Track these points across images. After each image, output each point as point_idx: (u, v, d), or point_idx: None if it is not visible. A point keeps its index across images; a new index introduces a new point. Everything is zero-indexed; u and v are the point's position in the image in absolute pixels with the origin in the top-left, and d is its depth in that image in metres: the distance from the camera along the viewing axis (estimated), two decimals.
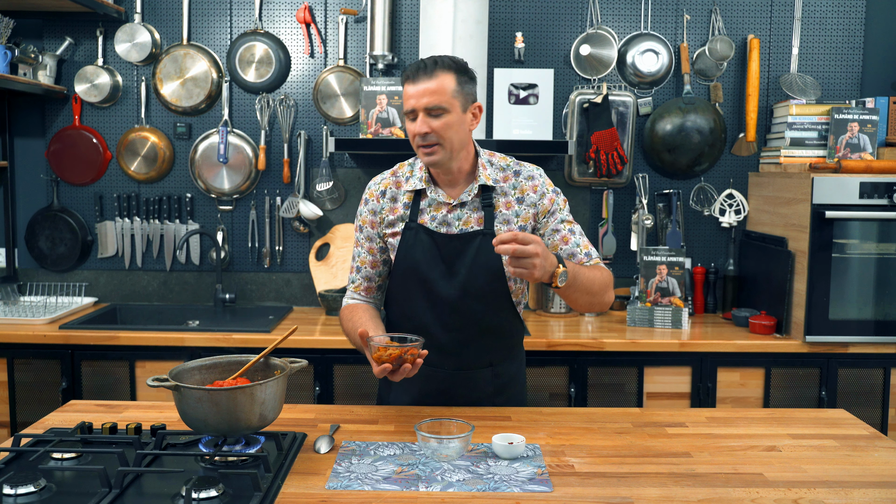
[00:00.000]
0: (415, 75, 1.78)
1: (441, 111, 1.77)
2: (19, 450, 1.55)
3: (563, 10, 3.27)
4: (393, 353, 1.65)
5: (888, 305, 2.79)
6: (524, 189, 1.90)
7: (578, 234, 1.92)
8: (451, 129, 1.78)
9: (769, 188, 3.10)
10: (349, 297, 2.01)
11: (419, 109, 1.77)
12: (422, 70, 1.77)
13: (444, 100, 1.76)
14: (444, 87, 1.76)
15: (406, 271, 1.89)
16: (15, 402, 2.81)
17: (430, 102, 1.76)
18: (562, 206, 1.93)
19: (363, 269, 1.98)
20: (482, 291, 1.88)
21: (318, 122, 3.29)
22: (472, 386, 1.95)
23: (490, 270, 1.87)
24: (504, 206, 1.88)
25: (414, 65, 1.80)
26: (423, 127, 1.76)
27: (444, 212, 1.88)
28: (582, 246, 1.90)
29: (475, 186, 1.87)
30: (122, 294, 3.35)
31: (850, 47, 3.29)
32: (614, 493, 1.46)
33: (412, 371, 1.67)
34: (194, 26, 3.27)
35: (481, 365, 1.95)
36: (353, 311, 1.94)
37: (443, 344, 1.89)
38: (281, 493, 1.43)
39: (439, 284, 1.87)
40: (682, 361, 2.80)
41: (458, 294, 1.87)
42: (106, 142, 3.29)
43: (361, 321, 1.87)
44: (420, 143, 1.79)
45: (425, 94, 1.76)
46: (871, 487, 1.51)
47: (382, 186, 1.94)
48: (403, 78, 1.82)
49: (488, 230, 1.87)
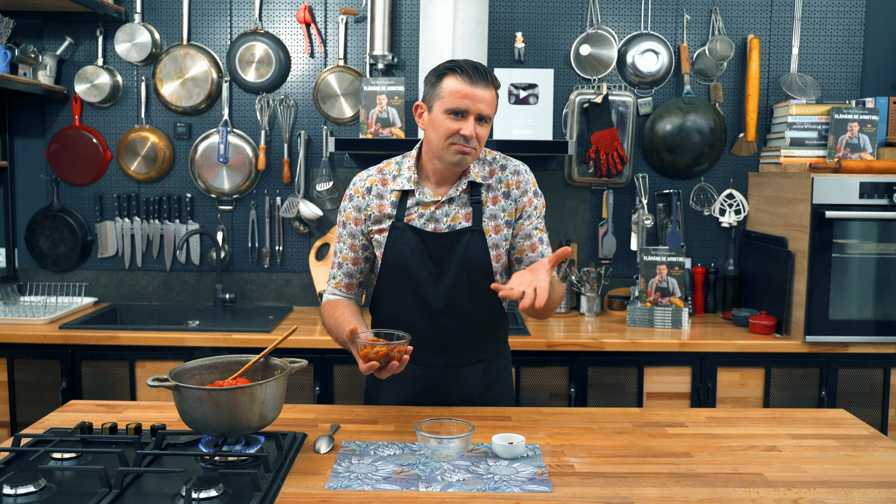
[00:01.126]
0: (472, 76, 1.76)
1: (488, 121, 1.80)
2: (19, 450, 1.55)
3: (563, 10, 3.27)
4: (380, 350, 1.64)
5: (888, 305, 2.79)
6: (509, 183, 1.91)
7: (546, 244, 1.97)
8: (484, 140, 1.82)
9: (769, 188, 3.10)
10: (329, 292, 2.01)
11: (472, 112, 1.77)
12: (479, 74, 1.77)
13: (493, 112, 1.81)
14: (495, 100, 1.81)
15: (394, 271, 1.89)
16: (15, 402, 2.81)
17: (485, 111, 1.78)
18: (539, 210, 1.95)
19: (345, 265, 1.97)
20: (471, 288, 1.88)
21: (318, 122, 3.29)
22: (462, 383, 1.96)
23: (479, 266, 1.87)
24: (491, 201, 1.90)
25: (466, 64, 1.78)
26: (473, 130, 1.77)
27: (431, 209, 1.87)
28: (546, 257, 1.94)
29: (464, 182, 1.87)
30: (122, 294, 3.35)
31: (850, 47, 3.29)
32: (614, 493, 1.46)
33: (399, 368, 1.67)
34: (194, 26, 3.27)
35: (471, 361, 1.96)
36: (335, 306, 1.93)
37: (433, 342, 1.89)
38: (281, 493, 1.43)
39: (428, 283, 1.87)
40: (682, 361, 2.80)
41: (447, 292, 1.87)
42: (106, 142, 3.29)
43: (344, 317, 1.86)
44: (457, 143, 1.78)
45: (483, 101, 1.77)
46: (871, 487, 1.51)
47: (368, 183, 1.93)
48: (451, 71, 1.78)
49: (476, 227, 1.87)
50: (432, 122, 1.81)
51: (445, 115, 1.78)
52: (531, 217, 1.93)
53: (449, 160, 1.81)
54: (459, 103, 1.76)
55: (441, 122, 1.78)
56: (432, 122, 1.81)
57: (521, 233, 1.93)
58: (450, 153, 1.80)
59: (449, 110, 1.77)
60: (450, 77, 1.78)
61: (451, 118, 1.77)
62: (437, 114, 1.79)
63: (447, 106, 1.77)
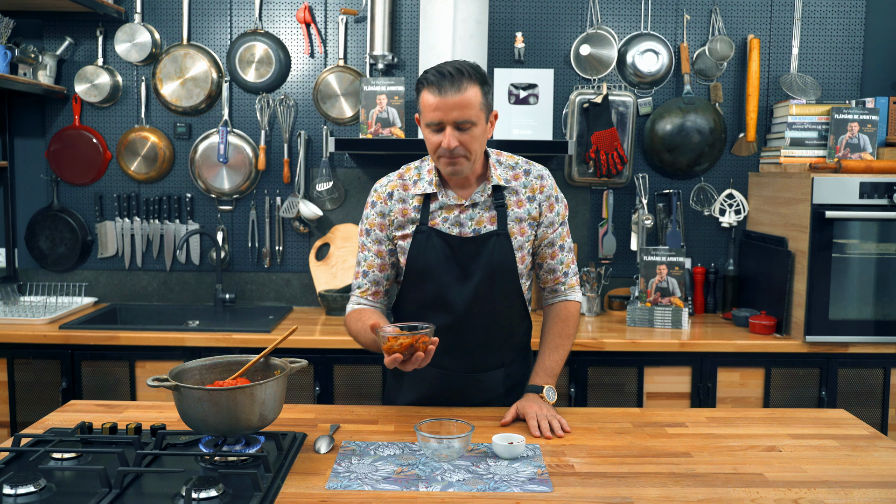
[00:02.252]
0: (439, 85, 1.71)
1: (469, 125, 1.74)
2: (19, 450, 1.55)
3: (563, 10, 3.27)
4: (404, 342, 1.60)
5: (888, 305, 2.79)
6: (534, 188, 1.90)
7: (567, 249, 1.96)
8: (476, 141, 1.77)
9: (769, 188, 3.10)
10: (355, 301, 1.95)
11: (447, 123, 1.73)
12: (447, 80, 1.71)
13: (472, 114, 1.73)
14: (471, 101, 1.72)
15: (418, 275, 1.88)
16: (15, 402, 2.81)
17: (459, 117, 1.72)
18: (562, 216, 1.95)
19: (371, 272, 1.93)
20: (495, 291, 1.87)
21: (318, 122, 3.29)
22: (483, 387, 1.95)
23: (505, 269, 1.86)
24: (515, 204, 1.88)
25: (435, 72, 1.73)
26: (453, 141, 1.73)
27: (456, 213, 1.86)
28: (565, 264, 1.97)
29: (488, 187, 1.86)
30: (122, 294, 3.35)
31: (850, 47, 3.29)
32: (614, 493, 1.46)
33: (425, 360, 1.62)
34: (194, 26, 3.27)
35: (493, 366, 1.95)
36: (361, 313, 1.89)
37: (455, 346, 1.87)
38: (281, 493, 1.43)
39: (453, 288, 1.86)
40: (682, 361, 2.80)
41: (472, 296, 1.86)
42: (106, 142, 3.29)
43: (372, 320, 1.78)
44: (444, 155, 1.76)
45: (454, 107, 1.71)
46: (871, 487, 1.51)
47: (389, 188, 1.91)
48: (422, 84, 1.75)
49: (502, 230, 1.86)
50: (423, 135, 1.82)
51: (427, 130, 1.78)
52: (553, 224, 1.93)
53: (444, 172, 1.82)
54: (433, 117, 1.74)
55: (427, 136, 1.79)
56: (423, 136, 1.82)
57: (545, 240, 1.93)
58: (442, 165, 1.80)
59: (427, 125, 1.77)
60: (423, 91, 1.76)
61: (432, 132, 1.77)
62: (423, 128, 1.80)
63: (425, 121, 1.77)
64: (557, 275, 1.97)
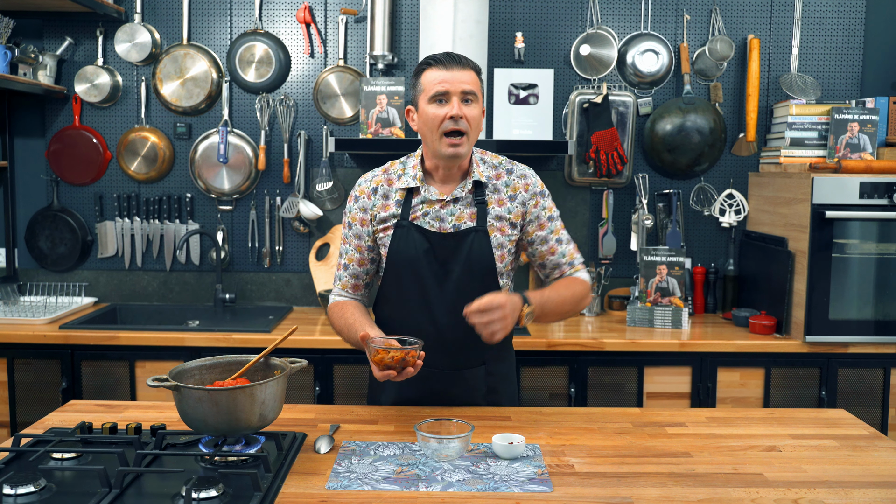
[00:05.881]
0: (447, 62, 1.80)
1: (474, 98, 1.81)
2: (19, 450, 1.55)
3: (563, 10, 3.27)
4: (396, 356, 1.65)
5: (888, 305, 2.79)
6: (516, 187, 1.91)
7: (565, 241, 1.97)
8: (476, 121, 1.83)
9: (769, 188, 3.10)
10: (336, 294, 2.01)
11: (454, 94, 1.79)
12: (454, 61, 1.81)
13: (476, 88, 1.82)
14: (475, 79, 1.83)
15: (398, 270, 1.89)
16: (15, 402, 2.81)
17: (468, 88, 1.79)
18: (549, 210, 1.95)
19: (350, 266, 1.97)
20: (476, 289, 1.87)
21: (318, 122, 3.29)
22: (465, 385, 1.95)
23: (483, 267, 1.87)
24: (496, 202, 1.90)
25: (441, 54, 1.82)
26: (459, 110, 1.78)
27: (437, 208, 1.88)
28: (567, 255, 1.96)
29: (469, 182, 1.88)
30: (122, 294, 3.35)
31: (850, 47, 3.29)
32: (614, 493, 1.46)
33: (413, 374, 1.68)
34: (194, 26, 3.27)
35: (475, 364, 1.95)
36: (343, 307, 1.94)
37: (436, 343, 1.88)
38: (281, 493, 1.43)
39: (433, 283, 1.87)
40: (682, 361, 2.80)
41: (452, 292, 1.87)
42: (106, 142, 3.29)
43: (354, 317, 1.87)
44: (450, 129, 1.78)
45: (466, 80, 1.79)
46: (871, 487, 1.51)
47: (374, 184, 1.94)
48: (426, 65, 1.82)
49: (481, 227, 1.87)
50: (422, 117, 1.83)
51: (430, 105, 1.80)
52: (540, 218, 1.93)
53: (443, 153, 1.81)
54: (439, 87, 1.79)
55: (428, 113, 1.81)
56: (422, 118, 1.83)
57: (536, 239, 1.93)
58: (443, 146, 1.80)
59: (432, 98, 1.80)
60: (427, 70, 1.82)
61: (437, 105, 1.80)
62: (424, 107, 1.82)
63: (430, 94, 1.80)
64: (563, 267, 1.97)
